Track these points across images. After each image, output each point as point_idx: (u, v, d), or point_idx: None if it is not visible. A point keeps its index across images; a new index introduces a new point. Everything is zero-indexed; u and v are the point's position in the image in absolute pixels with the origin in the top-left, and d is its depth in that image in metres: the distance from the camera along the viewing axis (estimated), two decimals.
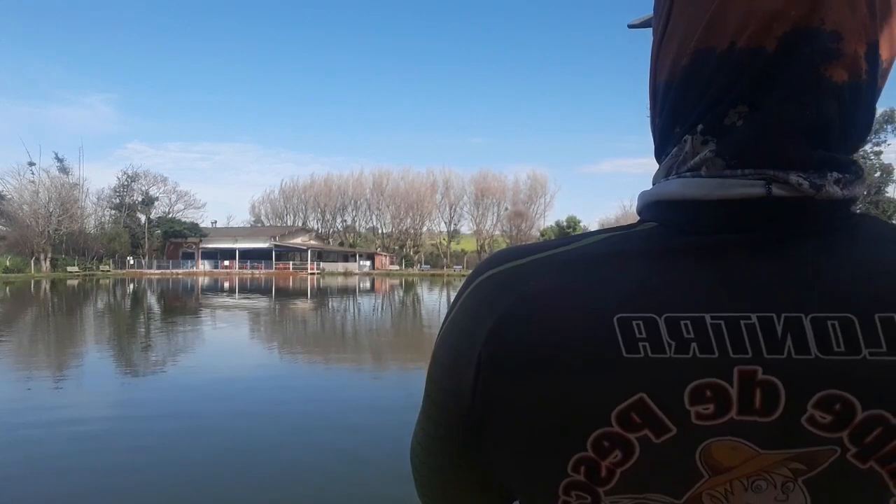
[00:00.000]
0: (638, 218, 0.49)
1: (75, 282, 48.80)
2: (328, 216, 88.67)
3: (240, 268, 68.32)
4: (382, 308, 26.30)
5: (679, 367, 0.40)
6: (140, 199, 73.70)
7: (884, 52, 0.42)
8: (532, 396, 0.44)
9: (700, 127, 0.45)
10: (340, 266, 72.01)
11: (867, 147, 57.54)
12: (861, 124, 0.43)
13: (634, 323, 0.41)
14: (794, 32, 0.40)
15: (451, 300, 0.52)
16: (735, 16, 0.41)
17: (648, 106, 0.52)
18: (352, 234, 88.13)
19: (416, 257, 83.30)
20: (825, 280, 0.40)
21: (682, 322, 0.41)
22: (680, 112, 0.46)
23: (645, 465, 0.42)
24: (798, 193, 0.41)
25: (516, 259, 0.48)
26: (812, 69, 0.40)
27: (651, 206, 0.47)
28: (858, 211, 0.44)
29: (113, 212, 73.62)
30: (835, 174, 0.41)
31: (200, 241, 70.80)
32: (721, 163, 0.43)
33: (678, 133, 0.47)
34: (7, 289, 38.45)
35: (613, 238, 0.47)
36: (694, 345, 0.40)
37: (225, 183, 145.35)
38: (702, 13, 0.43)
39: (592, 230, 0.49)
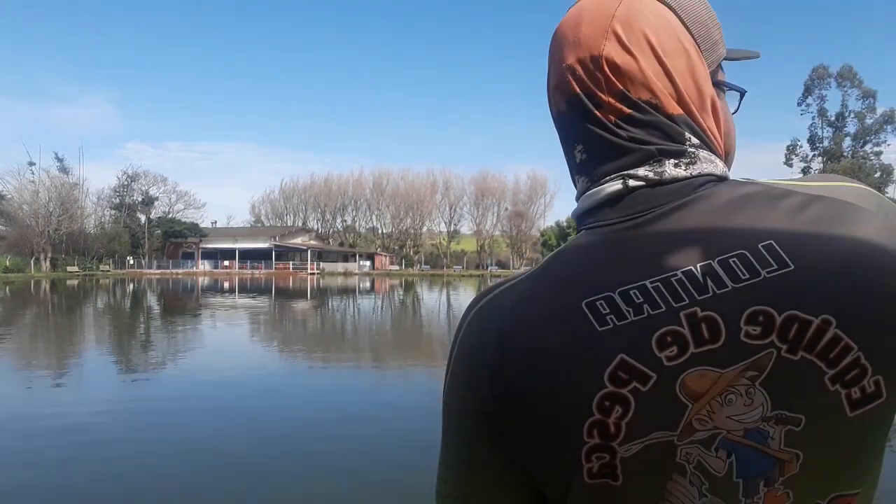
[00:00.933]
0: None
1: (75, 282, 48.75)
2: (328, 216, 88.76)
3: (240, 268, 68.31)
4: (385, 308, 26.25)
5: (641, 326, 0.52)
6: (140, 199, 73.72)
7: (638, 95, 0.57)
8: (540, 386, 0.54)
9: (573, 170, 0.63)
10: (340, 266, 72.01)
11: (867, 147, 57.54)
12: (660, 135, 0.57)
13: (598, 303, 0.53)
14: (569, 101, 0.60)
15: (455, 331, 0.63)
16: (551, 94, 0.63)
17: None
18: (352, 234, 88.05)
19: (416, 257, 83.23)
20: (716, 231, 0.53)
21: (631, 292, 0.52)
22: (568, 164, 0.65)
23: (641, 412, 0.51)
24: (648, 181, 0.56)
25: (497, 289, 0.61)
26: (591, 117, 0.59)
27: (578, 222, 0.62)
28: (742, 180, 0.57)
29: (113, 212, 73.66)
30: (672, 161, 0.56)
31: (200, 241, 70.76)
32: (590, 185, 0.60)
33: (570, 173, 0.65)
34: (7, 289, 38.41)
35: (564, 249, 0.60)
36: (646, 306, 0.52)
37: (225, 183, 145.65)
38: (548, 93, 0.64)
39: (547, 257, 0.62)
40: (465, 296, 35.72)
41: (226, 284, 47.25)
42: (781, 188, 0.55)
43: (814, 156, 63.22)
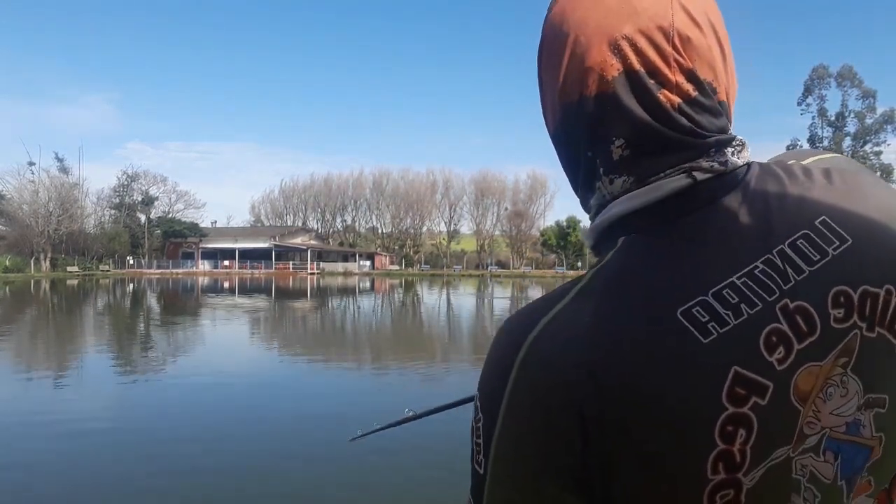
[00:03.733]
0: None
1: (75, 282, 48.81)
2: (328, 216, 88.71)
3: (239, 268, 68.28)
4: (385, 308, 26.25)
5: (745, 329, 0.45)
6: (140, 199, 73.72)
7: (704, 75, 0.51)
8: (651, 421, 0.44)
9: (601, 170, 0.53)
10: (340, 266, 72.00)
11: (867, 147, 57.55)
12: (717, 123, 0.52)
13: (694, 310, 0.45)
14: (620, 76, 0.51)
15: (480, 396, 0.50)
16: (575, 74, 0.52)
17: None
18: (352, 234, 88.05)
19: (416, 257, 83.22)
20: (777, 215, 0.50)
21: (724, 292, 0.46)
22: (576, 163, 0.56)
23: (763, 431, 0.45)
24: (714, 172, 0.51)
25: (543, 316, 0.49)
26: (648, 99, 0.50)
27: (610, 230, 0.54)
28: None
29: (113, 212, 73.64)
30: (730, 149, 0.52)
31: (200, 241, 70.77)
32: (637, 184, 0.52)
33: (583, 175, 0.56)
34: (7, 288, 38.41)
35: (614, 259, 0.51)
36: (743, 305, 0.46)
37: (225, 183, 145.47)
38: (556, 77, 0.54)
39: (584, 272, 0.53)
40: (465, 296, 35.71)
41: (226, 284, 47.31)
42: (798, 165, 0.54)
43: None
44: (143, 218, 72.57)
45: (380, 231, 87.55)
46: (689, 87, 0.51)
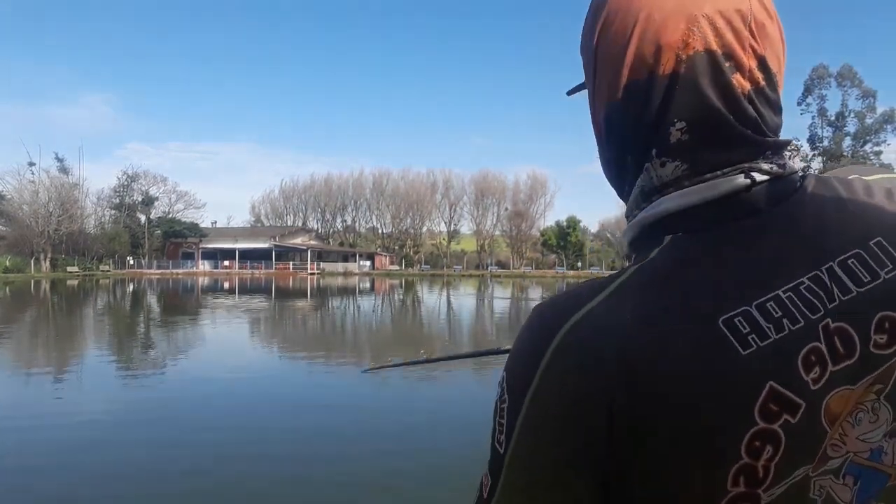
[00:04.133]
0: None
1: (75, 282, 48.81)
2: (328, 216, 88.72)
3: (240, 268, 68.27)
4: (385, 308, 26.27)
5: (784, 345, 0.44)
6: (140, 199, 73.64)
7: (772, 66, 0.51)
8: (680, 426, 0.44)
9: (654, 151, 0.51)
10: (340, 266, 72.01)
11: (867, 147, 57.59)
12: (776, 121, 0.52)
13: (736, 320, 0.44)
14: (697, 55, 0.49)
15: (507, 379, 0.49)
16: (648, 50, 0.50)
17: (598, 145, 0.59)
18: (352, 234, 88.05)
19: (416, 257, 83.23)
20: (829, 230, 0.48)
21: (767, 305, 0.45)
22: (625, 141, 0.54)
23: (790, 450, 0.44)
24: (773, 175, 0.50)
25: (582, 306, 0.48)
26: (722, 82, 0.49)
27: (654, 226, 0.52)
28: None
29: (113, 212, 73.57)
30: (787, 152, 0.51)
31: (200, 241, 70.76)
32: (696, 171, 0.50)
33: (631, 162, 0.54)
34: (7, 289, 38.43)
35: (658, 257, 0.49)
36: (785, 321, 0.45)
37: (225, 183, 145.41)
38: (620, 53, 0.52)
39: (624, 268, 0.51)
40: (465, 296, 35.72)
41: (226, 284, 47.33)
42: (860, 181, 0.52)
43: (814, 155, 63.14)
44: (143, 218, 72.54)
45: (380, 231, 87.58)
46: (759, 76, 0.50)
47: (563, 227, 78.32)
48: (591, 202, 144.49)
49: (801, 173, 0.52)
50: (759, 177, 0.49)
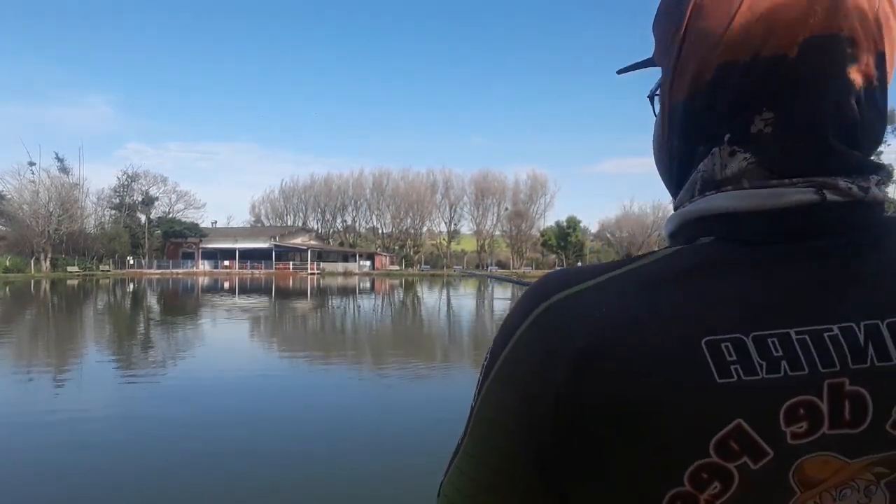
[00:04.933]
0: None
1: (75, 282, 48.77)
2: (328, 216, 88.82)
3: (240, 268, 68.26)
4: (386, 308, 26.28)
5: (772, 388, 0.40)
6: (140, 199, 73.66)
7: (888, 63, 0.44)
8: (625, 434, 0.41)
9: (727, 137, 0.46)
10: (340, 266, 71.95)
11: None
12: (877, 129, 0.45)
13: (723, 345, 0.40)
14: (814, 38, 0.42)
15: (496, 335, 0.49)
16: (757, 27, 0.43)
17: (654, 137, 0.54)
18: (352, 234, 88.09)
19: (416, 257, 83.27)
20: (890, 283, 0.41)
21: (769, 340, 0.40)
22: (702, 128, 0.48)
23: (742, 493, 0.41)
24: (849, 198, 0.43)
25: (577, 283, 0.46)
26: (835, 73, 0.43)
27: (697, 223, 0.47)
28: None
29: (113, 212, 73.58)
30: (874, 177, 0.43)
31: (200, 241, 70.79)
32: (764, 172, 0.44)
33: (702, 151, 0.48)
34: (7, 289, 38.45)
35: (678, 255, 0.46)
36: (784, 363, 0.40)
37: (225, 183, 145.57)
38: (720, 30, 0.45)
39: (647, 252, 0.47)
40: (465, 296, 35.72)
41: (226, 284, 47.28)
42: None
43: None
44: (143, 218, 72.53)
45: (380, 231, 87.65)
46: (874, 73, 0.44)
47: (563, 227, 78.38)
48: (591, 202, 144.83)
49: (885, 204, 0.44)
50: (831, 196, 0.43)
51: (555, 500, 0.46)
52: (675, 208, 0.51)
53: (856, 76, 0.43)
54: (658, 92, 0.55)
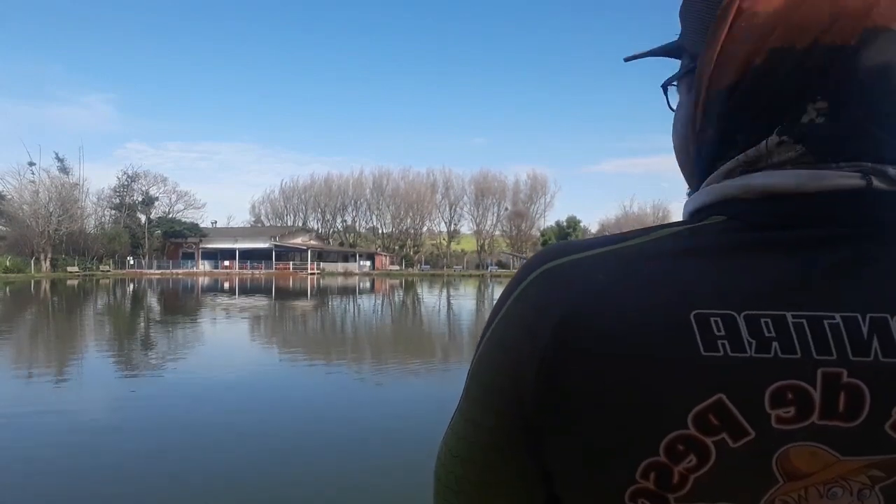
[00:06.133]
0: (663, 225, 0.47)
1: (75, 282, 48.81)
2: (328, 216, 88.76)
3: (240, 268, 68.26)
4: (390, 307, 26.27)
5: (760, 368, 0.39)
6: (140, 199, 73.70)
7: None
8: (602, 398, 0.41)
9: (778, 128, 0.44)
10: (340, 266, 72.03)
11: None
12: None
13: (713, 320, 0.40)
14: (875, 30, 0.41)
15: (498, 298, 0.50)
16: (818, 14, 0.42)
17: (677, 126, 0.53)
18: (352, 234, 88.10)
19: (416, 257, 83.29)
20: None
21: (762, 320, 0.39)
22: (747, 116, 0.45)
23: (720, 471, 0.40)
24: (894, 187, 0.41)
25: (575, 252, 0.46)
26: (891, 67, 0.41)
27: (717, 204, 0.46)
28: None
29: (113, 212, 73.62)
30: None
31: (200, 241, 70.80)
32: (811, 158, 0.43)
33: (741, 140, 0.46)
34: (7, 289, 38.45)
35: (681, 232, 0.45)
36: (775, 344, 0.39)
37: (225, 183, 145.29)
38: (777, 13, 0.43)
39: (648, 227, 0.47)
40: (465, 296, 35.75)
41: (226, 284, 47.33)
42: None
43: None
44: (143, 218, 72.57)
45: (380, 231, 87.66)
46: None
47: (563, 227, 78.41)
48: (592, 202, 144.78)
49: None
50: (876, 182, 0.41)
51: (540, 464, 0.47)
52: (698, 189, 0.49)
53: None
54: (676, 81, 0.53)
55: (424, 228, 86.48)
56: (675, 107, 0.53)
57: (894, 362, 0.38)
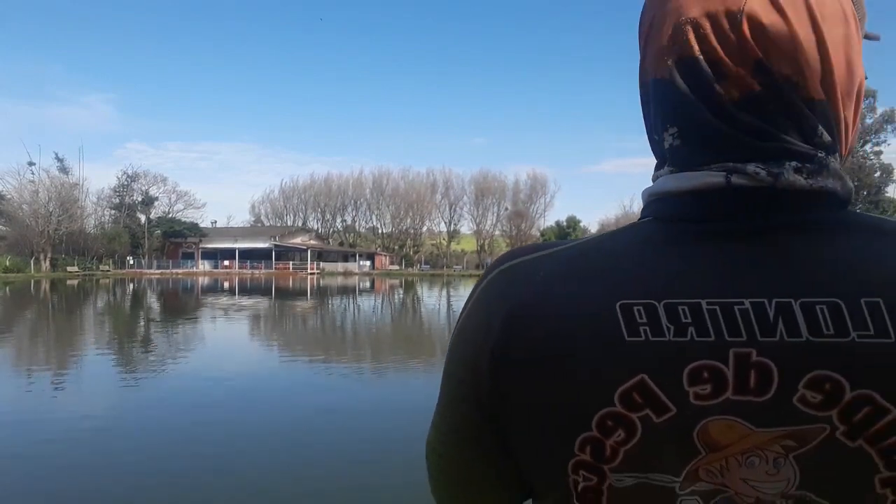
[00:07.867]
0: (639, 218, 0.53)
1: (75, 282, 48.75)
2: (328, 216, 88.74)
3: (239, 268, 68.22)
4: (391, 307, 26.25)
5: (677, 350, 0.43)
6: (140, 199, 73.66)
7: (780, 68, 0.46)
8: (541, 381, 0.47)
9: (660, 153, 0.53)
10: (340, 266, 72.01)
11: (867, 147, 57.62)
12: (806, 126, 0.46)
13: (636, 308, 0.45)
14: (681, 62, 0.48)
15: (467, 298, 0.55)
16: (650, 54, 0.51)
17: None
18: (352, 234, 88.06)
19: (416, 257, 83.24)
20: (812, 267, 0.43)
21: (679, 307, 0.44)
22: (648, 134, 0.55)
23: (646, 444, 0.44)
24: (756, 182, 0.45)
25: (527, 254, 0.53)
26: (704, 91, 0.47)
27: (647, 205, 0.52)
28: (858, 209, 0.45)
29: (113, 212, 73.58)
30: (794, 163, 0.45)
31: (200, 241, 70.77)
32: (691, 156, 0.49)
33: (655, 151, 0.54)
34: (7, 288, 38.42)
35: (615, 233, 0.52)
36: (691, 329, 0.43)
37: (225, 183, 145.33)
38: (641, 54, 0.53)
39: (606, 231, 0.53)
40: (464, 296, 35.68)
41: (226, 284, 47.29)
42: None
43: None
44: (143, 218, 72.51)
45: (380, 231, 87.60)
46: (752, 81, 0.46)
47: (563, 227, 78.34)
48: (592, 202, 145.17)
49: (826, 197, 0.45)
50: (735, 179, 0.45)
51: (507, 449, 0.52)
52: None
53: (729, 89, 0.46)
54: None
55: (424, 228, 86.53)
56: None
57: (798, 341, 0.41)
